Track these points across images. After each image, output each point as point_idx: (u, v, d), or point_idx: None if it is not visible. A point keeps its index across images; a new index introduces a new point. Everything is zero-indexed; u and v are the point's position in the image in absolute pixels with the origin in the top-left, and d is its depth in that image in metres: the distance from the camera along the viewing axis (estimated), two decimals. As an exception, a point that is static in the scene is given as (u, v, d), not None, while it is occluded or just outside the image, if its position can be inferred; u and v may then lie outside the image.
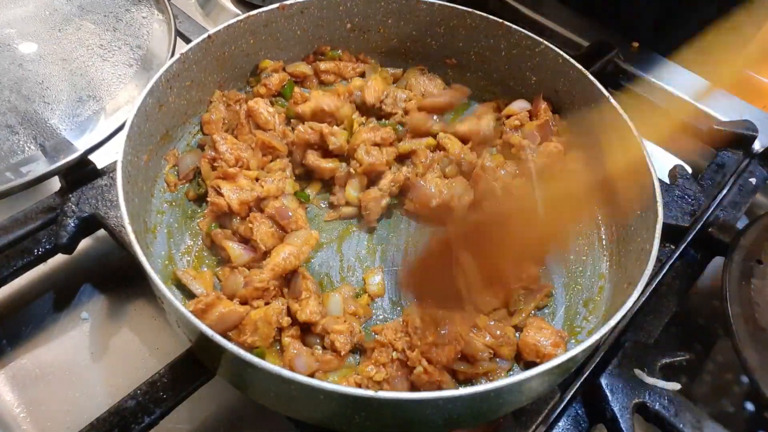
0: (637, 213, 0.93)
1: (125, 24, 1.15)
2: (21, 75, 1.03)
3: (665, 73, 1.39)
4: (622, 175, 0.96)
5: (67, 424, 0.85)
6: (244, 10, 1.27)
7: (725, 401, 0.97)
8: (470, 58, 1.20)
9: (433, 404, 0.69)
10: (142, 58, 1.10)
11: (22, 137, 0.96)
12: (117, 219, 0.94)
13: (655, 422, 0.83)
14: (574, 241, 0.98)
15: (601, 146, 1.05)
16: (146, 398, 0.77)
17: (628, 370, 0.85)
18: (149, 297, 0.98)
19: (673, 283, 1.00)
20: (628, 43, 1.43)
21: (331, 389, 0.65)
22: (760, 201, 1.21)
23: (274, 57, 1.14)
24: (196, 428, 0.87)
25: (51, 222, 0.94)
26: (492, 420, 0.81)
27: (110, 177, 0.99)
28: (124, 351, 0.93)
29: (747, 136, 1.22)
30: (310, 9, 1.12)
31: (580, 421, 0.85)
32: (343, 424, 0.76)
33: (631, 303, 0.75)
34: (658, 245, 0.82)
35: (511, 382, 0.68)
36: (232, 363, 0.72)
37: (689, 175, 1.13)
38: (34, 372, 0.90)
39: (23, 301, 0.97)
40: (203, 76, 1.04)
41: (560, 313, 0.93)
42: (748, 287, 0.92)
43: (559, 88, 1.12)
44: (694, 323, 1.06)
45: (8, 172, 0.91)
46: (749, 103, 1.35)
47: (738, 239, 0.98)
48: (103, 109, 1.02)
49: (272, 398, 0.76)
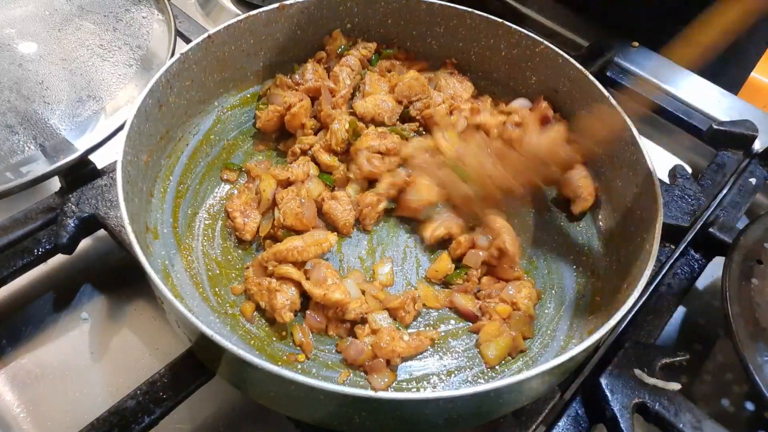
0: (637, 213, 0.93)
1: (125, 24, 1.15)
2: (21, 75, 1.03)
3: (665, 72, 1.39)
4: (622, 175, 0.96)
5: (67, 424, 0.85)
6: (244, 10, 1.27)
7: (725, 401, 0.96)
8: (470, 58, 1.20)
9: (433, 404, 0.69)
10: (142, 58, 1.10)
11: (22, 137, 0.96)
12: (117, 219, 0.94)
13: (655, 422, 0.83)
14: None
15: (601, 146, 1.06)
16: (146, 398, 0.77)
17: (628, 370, 0.85)
18: (149, 297, 0.98)
19: (673, 283, 1.00)
20: (627, 43, 1.43)
21: (331, 389, 0.65)
22: (760, 201, 1.21)
23: (274, 57, 1.15)
24: (196, 428, 0.87)
25: (51, 222, 0.94)
26: (492, 420, 0.81)
27: (110, 177, 0.99)
28: (124, 351, 0.93)
29: (747, 136, 1.22)
30: (310, 9, 1.12)
31: (580, 421, 0.85)
32: (343, 424, 0.76)
33: (631, 303, 0.75)
34: (658, 245, 0.82)
35: (511, 382, 0.68)
36: (232, 363, 0.72)
37: (689, 175, 1.13)
38: (34, 372, 0.90)
39: (23, 301, 0.97)
40: (203, 76, 1.04)
41: (561, 312, 0.93)
42: (748, 287, 0.92)
43: (559, 88, 1.12)
44: (694, 323, 1.06)
45: (8, 172, 0.91)
46: (749, 103, 1.35)
47: (738, 239, 0.98)
48: (103, 109, 1.02)
49: (272, 398, 0.76)
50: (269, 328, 0.87)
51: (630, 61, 1.39)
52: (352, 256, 0.97)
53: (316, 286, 0.86)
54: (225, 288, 0.91)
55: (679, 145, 1.33)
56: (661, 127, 1.33)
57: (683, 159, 1.30)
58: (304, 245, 0.89)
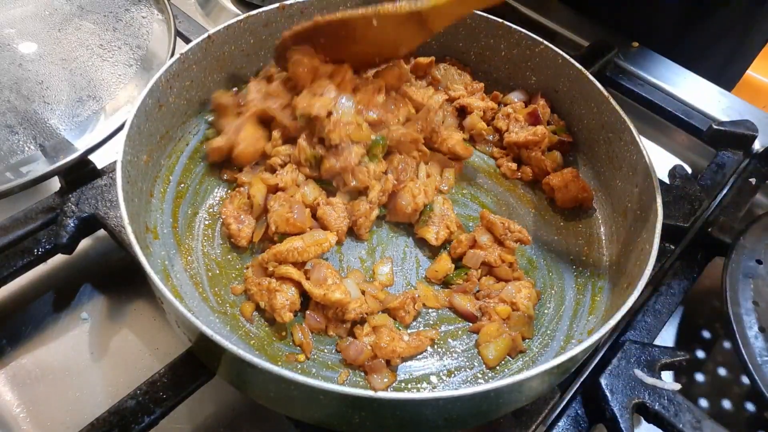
0: (637, 213, 0.93)
1: (125, 24, 1.15)
2: (21, 75, 1.03)
3: (665, 72, 1.39)
4: (622, 175, 0.96)
5: (67, 424, 0.85)
6: (244, 10, 1.27)
7: (725, 401, 0.97)
8: (470, 58, 1.20)
9: (433, 404, 0.69)
10: (142, 58, 1.10)
11: (22, 137, 0.96)
12: (117, 219, 0.94)
13: (655, 422, 0.83)
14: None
15: (601, 146, 1.06)
16: (146, 398, 0.77)
17: (628, 370, 0.85)
18: (149, 297, 0.98)
19: (673, 283, 1.00)
20: (628, 43, 1.43)
21: (331, 389, 0.65)
22: (760, 201, 1.21)
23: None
24: (196, 428, 0.87)
25: (51, 222, 0.94)
26: (492, 420, 0.81)
27: (110, 177, 0.99)
28: (124, 351, 0.93)
29: (747, 136, 1.22)
30: (310, 9, 1.12)
31: (580, 421, 0.85)
32: (343, 424, 0.76)
33: (631, 303, 0.75)
34: (658, 245, 0.82)
35: (511, 382, 0.68)
36: (232, 363, 0.72)
37: (689, 175, 1.13)
38: (34, 372, 0.90)
39: (23, 301, 0.97)
40: (203, 76, 1.04)
41: (561, 312, 0.93)
42: (748, 287, 0.92)
43: (559, 88, 1.12)
44: (694, 323, 1.06)
45: (8, 172, 0.91)
46: (749, 103, 1.36)
47: (738, 239, 0.98)
48: (103, 109, 1.02)
49: (272, 398, 0.76)
50: (269, 328, 0.87)
51: (630, 61, 1.39)
52: (352, 256, 0.97)
53: (316, 286, 0.86)
54: (225, 288, 0.91)
55: (679, 145, 1.33)
56: (661, 127, 1.33)
57: (683, 159, 1.30)
58: (304, 246, 0.89)
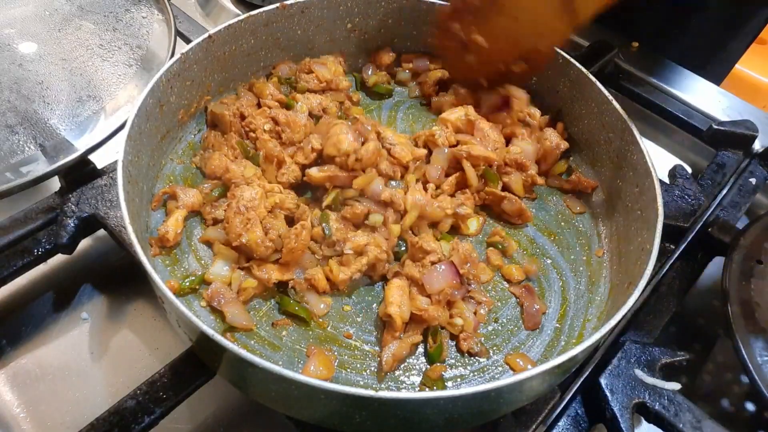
0: (637, 213, 0.93)
1: (125, 24, 1.15)
2: (21, 75, 1.03)
3: (665, 72, 1.39)
4: (622, 175, 0.96)
5: (67, 424, 0.85)
6: (244, 10, 1.27)
7: (725, 401, 0.97)
8: (470, 58, 1.20)
9: (433, 404, 0.69)
10: (142, 58, 1.10)
11: (22, 137, 0.96)
12: (117, 219, 0.94)
13: (655, 422, 0.83)
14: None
15: (601, 146, 1.06)
16: (146, 398, 0.77)
17: (628, 370, 0.85)
18: (149, 297, 0.98)
19: (673, 283, 1.00)
20: (628, 43, 1.43)
21: (331, 389, 0.65)
22: (760, 201, 1.21)
23: (274, 57, 1.14)
24: (196, 428, 0.87)
25: (51, 222, 0.94)
26: (492, 420, 0.81)
27: (110, 177, 0.99)
28: (124, 351, 0.93)
29: (747, 136, 1.22)
30: (311, 9, 1.12)
31: (580, 421, 0.85)
32: (344, 423, 0.76)
33: (631, 303, 0.75)
34: (658, 245, 0.82)
35: (511, 382, 0.68)
36: (233, 362, 0.72)
37: (689, 175, 1.13)
38: (34, 372, 0.90)
39: (23, 301, 0.97)
40: (203, 76, 1.04)
41: (561, 312, 0.93)
42: (748, 287, 0.92)
43: (559, 88, 1.12)
44: (694, 323, 1.06)
45: (8, 172, 0.91)
46: (749, 103, 1.36)
47: (738, 239, 0.98)
48: (103, 109, 1.02)
49: (272, 398, 0.76)
50: (269, 328, 0.87)
51: (630, 61, 1.40)
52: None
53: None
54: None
55: (679, 145, 1.33)
56: (661, 127, 1.33)
57: (683, 159, 1.30)
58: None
